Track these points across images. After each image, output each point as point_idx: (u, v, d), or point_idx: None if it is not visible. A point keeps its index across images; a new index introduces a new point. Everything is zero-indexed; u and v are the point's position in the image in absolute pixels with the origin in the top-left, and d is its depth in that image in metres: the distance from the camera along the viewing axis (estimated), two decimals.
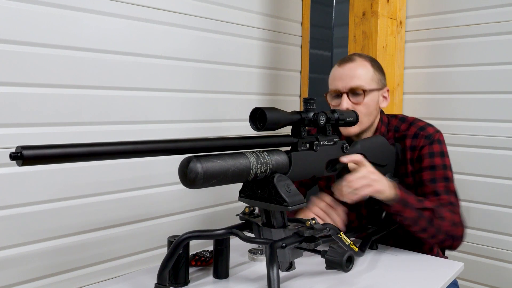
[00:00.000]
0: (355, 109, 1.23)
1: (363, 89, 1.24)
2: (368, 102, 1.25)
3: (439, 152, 1.27)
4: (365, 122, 1.27)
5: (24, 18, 1.23)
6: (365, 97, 1.24)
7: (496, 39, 1.93)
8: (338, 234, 1.02)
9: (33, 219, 1.28)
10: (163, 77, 1.57)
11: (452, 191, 1.25)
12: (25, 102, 1.24)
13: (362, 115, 1.24)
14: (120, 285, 1.04)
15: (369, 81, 1.25)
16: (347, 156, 1.09)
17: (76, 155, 0.65)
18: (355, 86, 1.24)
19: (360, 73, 1.25)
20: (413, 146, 1.28)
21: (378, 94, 1.28)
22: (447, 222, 1.16)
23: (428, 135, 1.27)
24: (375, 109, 1.28)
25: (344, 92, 1.24)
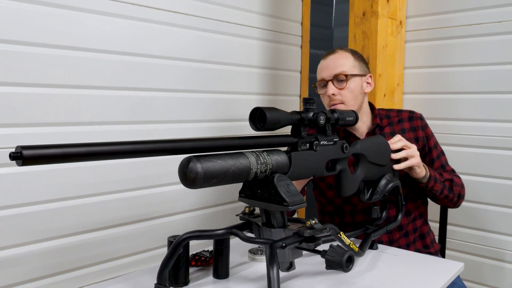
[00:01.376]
0: (340, 94, 1.35)
1: (345, 74, 1.35)
2: (352, 87, 1.36)
3: (432, 131, 1.50)
4: (351, 105, 1.37)
5: (24, 18, 1.23)
6: (348, 82, 1.36)
7: (496, 39, 1.93)
8: (338, 234, 1.02)
9: (33, 219, 1.28)
10: (163, 77, 1.57)
11: (446, 161, 1.51)
12: (25, 102, 1.24)
13: (348, 99, 1.36)
14: (120, 285, 1.04)
15: (350, 67, 1.38)
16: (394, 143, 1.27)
17: (76, 155, 0.65)
18: (337, 72, 1.36)
19: (342, 62, 1.38)
20: (412, 127, 1.47)
21: (361, 80, 1.40)
22: (459, 186, 1.43)
23: (421, 116, 1.49)
24: (360, 93, 1.39)
25: (329, 79, 1.37)
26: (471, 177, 2.02)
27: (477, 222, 2.02)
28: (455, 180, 1.43)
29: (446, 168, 1.49)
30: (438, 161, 1.48)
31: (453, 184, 1.41)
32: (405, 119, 1.49)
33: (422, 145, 1.46)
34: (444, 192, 1.39)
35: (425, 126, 1.48)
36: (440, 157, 1.49)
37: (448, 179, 1.41)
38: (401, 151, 1.27)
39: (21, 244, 1.26)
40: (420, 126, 1.47)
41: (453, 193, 1.41)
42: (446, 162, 1.50)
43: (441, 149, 1.51)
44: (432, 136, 1.49)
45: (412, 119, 1.48)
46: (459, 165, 2.02)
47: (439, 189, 1.37)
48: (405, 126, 1.48)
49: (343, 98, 1.36)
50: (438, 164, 1.47)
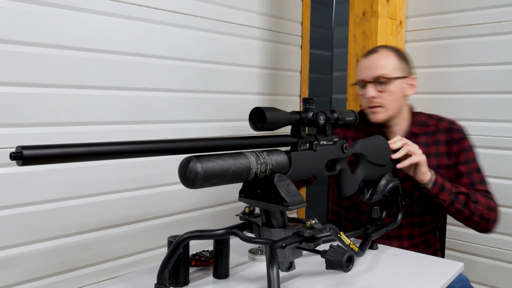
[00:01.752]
0: (380, 97, 1.31)
1: (387, 77, 1.30)
2: (393, 90, 1.31)
3: (471, 146, 1.37)
4: (391, 108, 1.33)
5: (24, 18, 1.23)
6: (389, 85, 1.31)
7: (496, 39, 1.93)
8: (338, 234, 1.02)
9: (33, 219, 1.28)
10: (163, 77, 1.57)
11: (486, 181, 1.36)
12: (25, 102, 1.24)
13: (387, 102, 1.32)
14: (120, 285, 1.04)
15: (392, 69, 1.32)
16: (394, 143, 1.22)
17: (76, 155, 0.65)
18: (378, 75, 1.31)
19: (384, 63, 1.32)
20: (448, 140, 1.36)
21: (402, 82, 1.33)
22: (482, 206, 1.28)
23: (460, 129, 1.38)
24: (400, 96, 1.34)
25: (369, 81, 1.32)
26: None
27: None
28: (479, 198, 1.29)
29: (477, 187, 1.33)
30: (468, 178, 1.34)
31: (471, 200, 1.27)
32: (442, 130, 1.38)
33: (454, 162, 1.36)
34: (456, 205, 1.26)
35: (462, 140, 1.36)
36: (472, 174, 1.34)
37: (464, 192, 1.28)
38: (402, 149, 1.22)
39: (21, 244, 1.26)
40: (456, 140, 1.36)
41: (470, 210, 1.27)
42: (481, 181, 1.35)
43: (477, 167, 1.36)
44: (469, 152, 1.36)
45: (450, 131, 1.37)
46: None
47: (446, 199, 1.25)
48: (440, 138, 1.38)
49: (383, 101, 1.32)
50: (466, 181, 1.34)
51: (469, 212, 1.27)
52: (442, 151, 1.36)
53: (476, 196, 1.29)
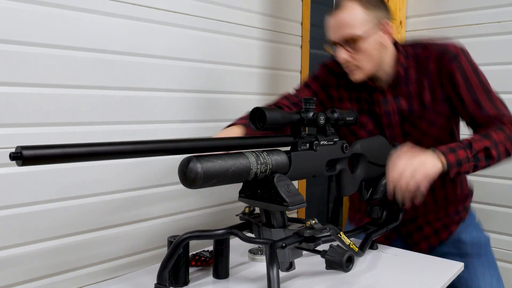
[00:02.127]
0: (354, 58, 1.20)
1: (356, 37, 1.17)
2: (367, 47, 1.18)
3: (467, 64, 1.21)
4: (368, 67, 1.21)
5: (24, 18, 1.23)
6: (361, 44, 1.17)
7: (496, 39, 1.93)
8: (338, 234, 1.02)
9: (33, 219, 1.28)
10: (163, 77, 1.57)
11: (496, 99, 1.20)
12: (25, 102, 1.24)
13: (363, 62, 1.20)
14: (120, 285, 1.04)
15: (360, 25, 1.16)
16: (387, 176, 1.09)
17: (76, 155, 0.65)
18: (346, 36, 1.17)
19: (349, 20, 1.16)
20: (439, 70, 1.22)
21: (375, 35, 1.19)
22: (503, 145, 1.12)
23: (454, 57, 1.20)
24: (377, 50, 1.21)
25: (339, 43, 1.20)
26: (471, 177, 2.02)
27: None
28: (496, 137, 1.12)
29: (488, 111, 1.17)
30: (474, 103, 1.19)
31: (491, 149, 1.10)
32: (432, 59, 1.22)
33: (451, 90, 1.22)
34: (480, 165, 1.12)
35: (453, 63, 1.20)
36: (476, 94, 1.19)
37: (480, 149, 1.10)
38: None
39: (21, 244, 1.26)
40: (447, 68, 1.20)
41: (494, 160, 1.12)
42: (491, 102, 1.18)
43: (483, 87, 1.20)
44: (464, 71, 1.19)
45: (441, 60, 1.21)
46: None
47: (469, 168, 1.11)
48: (430, 68, 1.23)
49: (358, 62, 1.20)
50: (472, 106, 1.19)
51: (494, 161, 1.13)
52: (435, 83, 1.23)
53: (492, 138, 1.12)
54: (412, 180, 1.03)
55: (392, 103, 1.28)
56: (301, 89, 1.41)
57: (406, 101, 1.27)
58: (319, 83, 1.39)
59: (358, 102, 1.34)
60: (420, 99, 1.26)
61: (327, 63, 1.42)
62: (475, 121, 1.21)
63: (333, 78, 1.37)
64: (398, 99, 1.27)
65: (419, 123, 1.27)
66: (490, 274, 1.33)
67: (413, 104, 1.27)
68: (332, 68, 1.38)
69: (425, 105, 1.25)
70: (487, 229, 2.00)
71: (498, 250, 1.97)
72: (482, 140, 1.12)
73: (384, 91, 1.29)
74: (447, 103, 1.25)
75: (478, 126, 1.21)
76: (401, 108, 1.27)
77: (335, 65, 1.35)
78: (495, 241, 1.98)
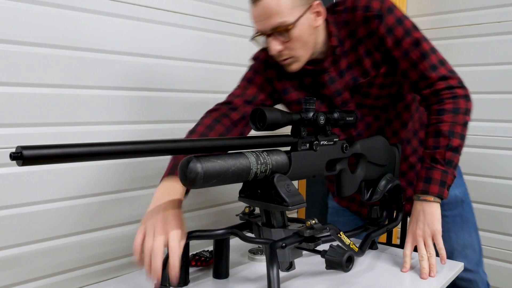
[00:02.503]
0: (287, 47, 1.10)
1: (287, 24, 1.06)
2: (298, 34, 1.08)
3: (395, 21, 1.12)
4: (304, 54, 1.12)
5: (24, 18, 1.23)
6: (292, 31, 1.07)
7: (496, 39, 1.94)
8: (338, 234, 1.02)
9: (33, 219, 1.28)
10: (163, 77, 1.57)
11: (433, 57, 1.14)
12: (25, 102, 1.24)
13: (297, 50, 1.10)
14: (120, 285, 1.04)
15: (288, 11, 1.05)
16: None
17: (76, 155, 0.65)
18: (275, 25, 1.06)
19: (275, 7, 1.04)
20: (369, 32, 1.14)
21: (307, 18, 1.09)
22: (454, 125, 1.11)
23: (378, 13, 1.12)
24: (311, 34, 1.11)
25: (268, 34, 1.09)
26: (471, 177, 2.03)
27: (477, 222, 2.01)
28: (444, 127, 1.11)
29: (429, 75, 1.12)
30: (407, 62, 1.13)
31: (451, 136, 1.10)
32: (358, 22, 1.14)
33: (387, 52, 1.15)
34: (456, 160, 1.12)
35: (381, 22, 1.11)
36: (408, 53, 1.12)
37: (445, 151, 1.10)
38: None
39: (21, 244, 1.26)
40: (376, 28, 1.12)
41: (461, 137, 1.11)
42: (432, 66, 1.13)
43: (414, 40, 1.13)
44: (395, 29, 1.11)
45: (367, 20, 1.13)
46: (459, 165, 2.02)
47: (453, 173, 1.11)
48: (360, 34, 1.15)
49: (292, 52, 1.11)
50: (414, 74, 1.14)
51: (463, 143, 1.12)
52: (370, 46, 1.16)
53: (444, 128, 1.11)
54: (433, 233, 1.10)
55: (339, 80, 1.20)
56: (244, 85, 1.28)
57: (350, 73, 1.19)
58: (262, 75, 1.27)
59: (305, 89, 1.25)
60: (362, 67, 1.17)
61: (257, 56, 1.30)
62: (417, 85, 1.17)
63: (272, 71, 1.26)
64: (343, 73, 1.19)
65: (369, 90, 1.20)
66: (463, 230, 1.32)
67: (357, 74, 1.18)
68: (266, 60, 1.26)
69: (368, 72, 1.18)
70: (486, 229, 2.00)
71: (498, 250, 1.97)
72: (438, 142, 1.11)
73: (328, 70, 1.19)
74: (388, 64, 1.18)
75: (421, 89, 1.16)
76: (348, 81, 1.19)
77: (267, 55, 1.23)
78: (495, 241, 1.98)
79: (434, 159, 1.12)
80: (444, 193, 1.11)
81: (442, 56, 1.17)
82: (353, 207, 1.44)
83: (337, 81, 1.20)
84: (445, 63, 1.16)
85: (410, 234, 1.13)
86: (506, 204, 1.95)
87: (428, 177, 1.12)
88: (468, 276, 1.32)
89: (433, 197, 1.10)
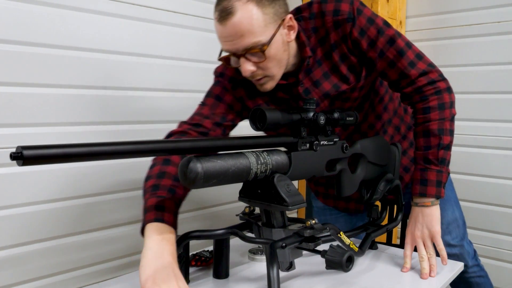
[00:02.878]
0: (261, 68, 1.02)
1: (260, 45, 0.98)
2: (272, 54, 1.00)
3: (367, 21, 1.07)
4: (277, 72, 1.05)
5: (24, 18, 1.23)
6: (267, 51, 0.99)
7: (496, 39, 1.94)
8: (338, 234, 1.02)
9: (33, 219, 1.28)
10: (164, 77, 1.57)
11: (410, 53, 1.09)
12: (25, 102, 1.24)
13: (271, 69, 1.03)
14: (120, 285, 1.04)
15: (261, 30, 0.97)
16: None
17: (76, 155, 0.65)
18: (248, 46, 0.97)
19: (247, 26, 0.95)
20: (342, 37, 1.08)
21: (280, 34, 1.01)
22: (443, 122, 1.09)
23: (349, 16, 1.05)
24: (284, 50, 1.04)
25: (240, 54, 1.00)
26: (471, 177, 2.03)
27: (477, 222, 2.02)
28: (433, 126, 1.09)
29: (409, 74, 1.09)
30: (384, 62, 1.09)
31: (441, 134, 1.08)
32: (330, 29, 1.07)
33: (363, 56, 1.10)
34: (448, 157, 1.11)
35: (354, 25, 1.06)
36: (384, 53, 1.08)
37: (437, 150, 1.09)
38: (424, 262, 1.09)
39: (21, 244, 1.26)
40: (349, 33, 1.06)
41: (450, 133, 1.10)
42: (411, 63, 1.09)
43: (388, 39, 1.08)
44: (368, 29, 1.07)
45: (338, 25, 1.06)
46: (460, 165, 2.02)
47: (447, 170, 1.11)
48: (332, 40, 1.08)
49: (266, 71, 1.03)
50: (382, 65, 1.09)
51: (452, 138, 1.11)
52: (345, 51, 1.10)
53: (433, 127, 1.09)
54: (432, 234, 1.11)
55: (315, 90, 1.13)
56: (212, 104, 1.18)
57: (328, 82, 1.13)
58: (231, 94, 1.18)
59: (278, 103, 1.18)
60: (340, 74, 1.12)
61: (222, 71, 1.20)
62: (398, 84, 1.13)
63: (242, 90, 1.17)
64: (318, 83, 1.13)
65: (351, 95, 1.15)
66: (446, 208, 1.32)
67: (336, 81, 1.13)
68: (234, 78, 1.17)
69: (347, 78, 1.12)
70: (486, 229, 2.00)
71: (498, 250, 1.97)
72: (429, 142, 1.10)
73: (301, 82, 1.12)
74: (366, 67, 1.13)
75: (403, 88, 1.13)
76: (326, 91, 1.13)
77: (235, 72, 1.15)
78: (494, 241, 1.98)
79: (427, 160, 1.11)
80: (441, 193, 1.10)
81: (418, 49, 1.13)
82: (341, 204, 1.42)
83: (313, 91, 1.14)
84: (422, 57, 1.12)
85: (409, 236, 1.14)
86: (506, 204, 1.95)
87: (424, 179, 1.11)
88: (454, 251, 1.33)
89: (431, 201, 1.11)
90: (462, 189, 2.04)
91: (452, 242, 1.32)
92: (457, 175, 2.03)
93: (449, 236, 1.32)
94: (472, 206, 2.03)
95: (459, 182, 2.04)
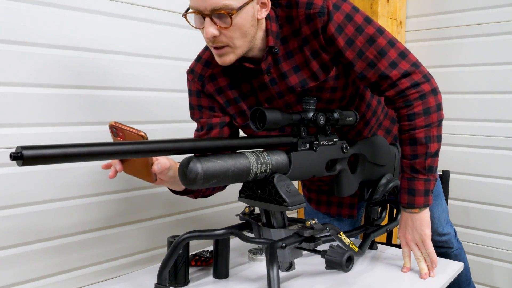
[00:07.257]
0: (225, 34, 0.97)
1: (229, 8, 0.93)
2: (239, 22, 0.96)
3: (345, 17, 1.01)
4: (240, 45, 0.99)
5: (24, 18, 1.23)
6: (235, 16, 0.94)
7: (496, 39, 1.94)
8: (338, 234, 1.02)
9: (33, 219, 1.28)
10: (164, 77, 1.57)
11: (391, 53, 1.03)
12: (25, 102, 1.24)
13: (235, 39, 0.97)
14: (120, 285, 1.04)
15: None
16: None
17: (76, 155, 0.65)
18: (217, 6, 0.93)
19: None
20: (314, 32, 1.02)
21: (252, 6, 0.97)
22: (430, 129, 1.04)
23: (321, 11, 1.00)
24: (251, 26, 0.99)
25: (206, 14, 0.95)
26: (471, 177, 2.03)
27: (477, 222, 2.02)
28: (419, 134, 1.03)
29: (390, 74, 1.02)
30: (363, 63, 1.03)
31: (428, 142, 1.03)
32: (302, 22, 1.02)
33: (337, 54, 1.03)
34: (436, 164, 1.07)
35: (333, 28, 1.00)
36: (363, 53, 1.02)
37: (424, 158, 1.04)
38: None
39: (21, 244, 1.26)
40: (321, 27, 1.01)
41: (438, 139, 1.05)
42: (392, 63, 1.02)
43: (368, 38, 1.02)
44: (346, 28, 1.01)
45: (310, 19, 1.01)
46: (460, 165, 2.02)
47: (435, 177, 1.08)
48: (304, 34, 1.03)
49: (228, 40, 0.97)
50: (361, 66, 1.03)
51: (439, 144, 1.06)
52: (316, 47, 1.04)
53: (419, 135, 1.04)
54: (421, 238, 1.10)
55: (281, 82, 1.08)
56: (199, 116, 1.21)
57: (296, 76, 1.07)
58: (205, 96, 1.17)
59: (244, 97, 1.14)
60: (310, 70, 1.06)
61: (193, 68, 1.20)
62: (378, 87, 1.06)
63: (211, 85, 1.17)
64: (285, 75, 1.07)
65: (320, 95, 1.10)
66: (434, 205, 1.34)
67: (305, 76, 1.07)
68: (201, 75, 1.17)
69: (317, 75, 1.07)
70: (486, 229, 2.00)
71: (498, 250, 1.97)
72: (416, 150, 1.05)
73: (269, 70, 1.07)
74: (339, 65, 1.07)
75: (384, 91, 1.06)
76: (291, 85, 1.07)
77: (202, 68, 1.16)
78: (494, 241, 1.98)
79: (414, 169, 1.06)
80: (429, 201, 1.08)
81: (403, 46, 1.06)
82: (333, 210, 1.41)
83: (278, 83, 1.08)
84: (407, 55, 1.05)
85: (402, 239, 1.13)
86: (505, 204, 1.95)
87: (412, 189, 1.07)
88: (443, 239, 1.39)
89: (422, 207, 1.08)
90: (462, 189, 2.05)
91: (443, 231, 1.38)
92: (457, 175, 2.03)
93: (441, 227, 1.38)
94: (472, 206, 2.03)
95: (459, 182, 2.04)
